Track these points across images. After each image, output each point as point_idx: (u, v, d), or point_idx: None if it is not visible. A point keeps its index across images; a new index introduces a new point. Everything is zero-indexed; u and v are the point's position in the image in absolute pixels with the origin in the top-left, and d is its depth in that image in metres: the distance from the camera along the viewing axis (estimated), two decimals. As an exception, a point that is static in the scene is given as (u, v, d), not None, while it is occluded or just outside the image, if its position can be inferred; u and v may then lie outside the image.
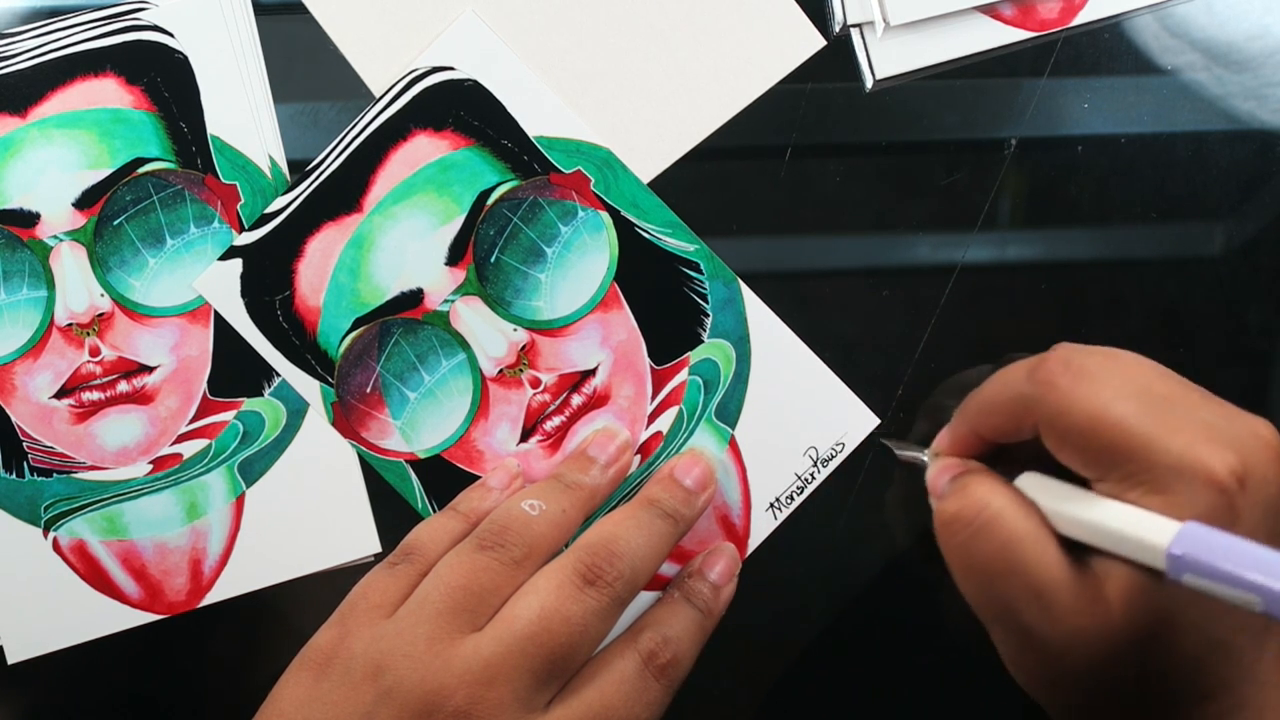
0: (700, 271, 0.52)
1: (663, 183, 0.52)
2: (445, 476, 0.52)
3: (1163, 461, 0.37)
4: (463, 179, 0.51)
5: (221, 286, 0.51)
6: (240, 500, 0.52)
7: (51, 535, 0.51)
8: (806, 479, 0.52)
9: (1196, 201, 0.54)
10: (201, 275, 0.51)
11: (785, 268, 0.53)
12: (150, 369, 0.51)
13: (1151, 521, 0.37)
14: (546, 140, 0.51)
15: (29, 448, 0.51)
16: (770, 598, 0.53)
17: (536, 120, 0.51)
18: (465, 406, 0.51)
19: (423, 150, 0.51)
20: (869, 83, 0.53)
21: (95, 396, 0.51)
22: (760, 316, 0.52)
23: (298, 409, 0.52)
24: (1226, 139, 0.54)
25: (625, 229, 0.52)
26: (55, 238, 0.51)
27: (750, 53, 0.52)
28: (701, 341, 0.52)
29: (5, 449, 0.51)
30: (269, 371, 0.51)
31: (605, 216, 0.51)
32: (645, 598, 0.48)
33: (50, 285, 0.51)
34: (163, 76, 0.51)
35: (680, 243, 0.52)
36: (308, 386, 0.51)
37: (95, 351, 0.51)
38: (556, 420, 0.52)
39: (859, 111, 0.53)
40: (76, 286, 0.51)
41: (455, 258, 0.51)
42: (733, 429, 0.52)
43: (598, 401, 0.52)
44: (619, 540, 0.45)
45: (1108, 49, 0.53)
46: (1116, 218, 0.54)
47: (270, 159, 0.51)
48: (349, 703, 0.42)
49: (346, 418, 0.51)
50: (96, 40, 0.51)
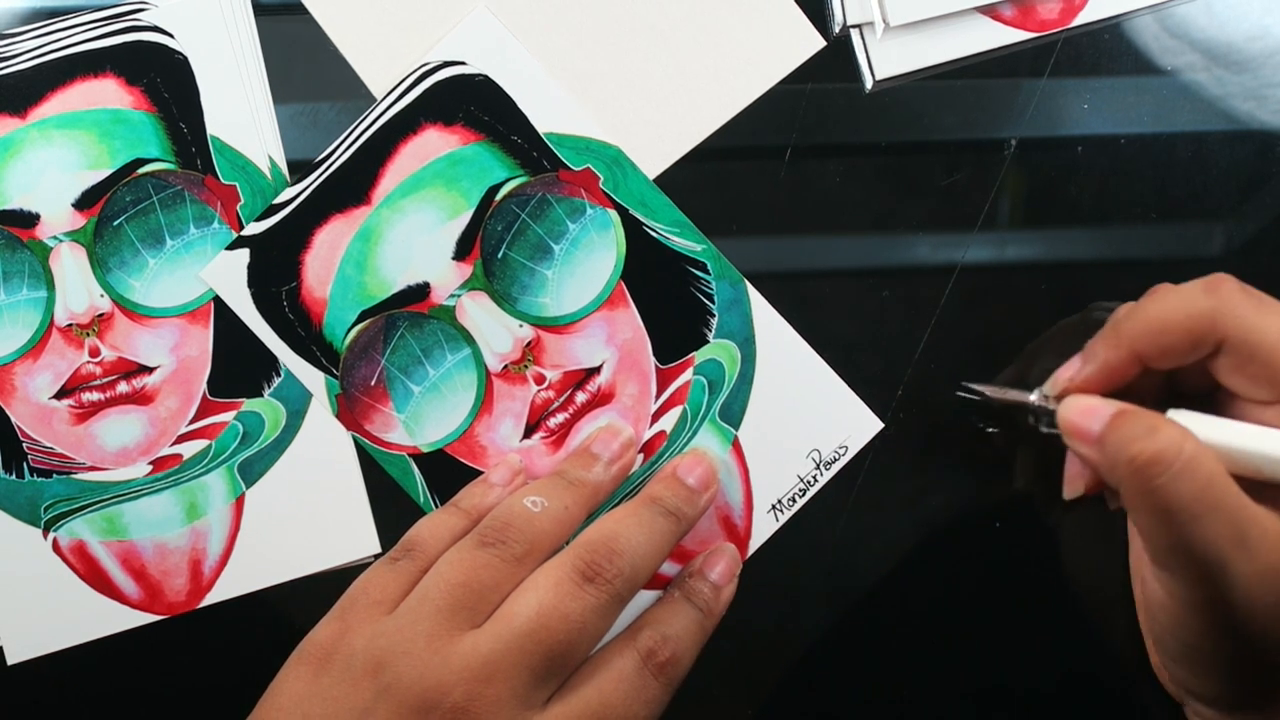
0: (707, 271, 0.52)
1: (663, 183, 0.52)
2: (448, 471, 0.52)
3: None
4: (472, 174, 0.51)
5: (228, 276, 0.51)
6: (240, 501, 0.52)
7: (51, 536, 0.51)
8: (809, 481, 0.52)
9: (1196, 201, 0.54)
10: (209, 265, 0.51)
11: (785, 268, 0.53)
12: (150, 369, 0.51)
13: None
14: (556, 137, 0.51)
15: (29, 448, 0.51)
16: (770, 598, 0.53)
17: (546, 117, 0.51)
18: (469, 402, 0.52)
19: (432, 144, 0.51)
20: (869, 83, 0.53)
21: (95, 397, 0.51)
22: (766, 317, 0.52)
23: (298, 409, 0.52)
24: (1226, 139, 0.54)
25: (633, 227, 0.52)
26: (55, 238, 0.51)
27: (750, 53, 0.52)
28: (707, 341, 0.52)
29: (5, 450, 0.51)
30: (269, 372, 0.51)
31: (613, 214, 0.52)
32: (646, 597, 0.48)
33: (50, 286, 0.51)
34: (163, 77, 0.51)
35: (688, 242, 0.52)
36: (312, 378, 0.51)
37: (95, 352, 0.51)
38: (560, 417, 0.52)
39: (859, 112, 0.53)
40: (76, 287, 0.51)
41: (462, 252, 0.51)
42: (736, 430, 0.52)
43: (602, 399, 0.52)
44: (619, 538, 0.45)
45: (1108, 49, 0.53)
46: (1116, 218, 0.54)
47: (270, 159, 0.51)
48: (348, 699, 0.42)
49: (350, 410, 0.51)
50: (96, 41, 0.51)
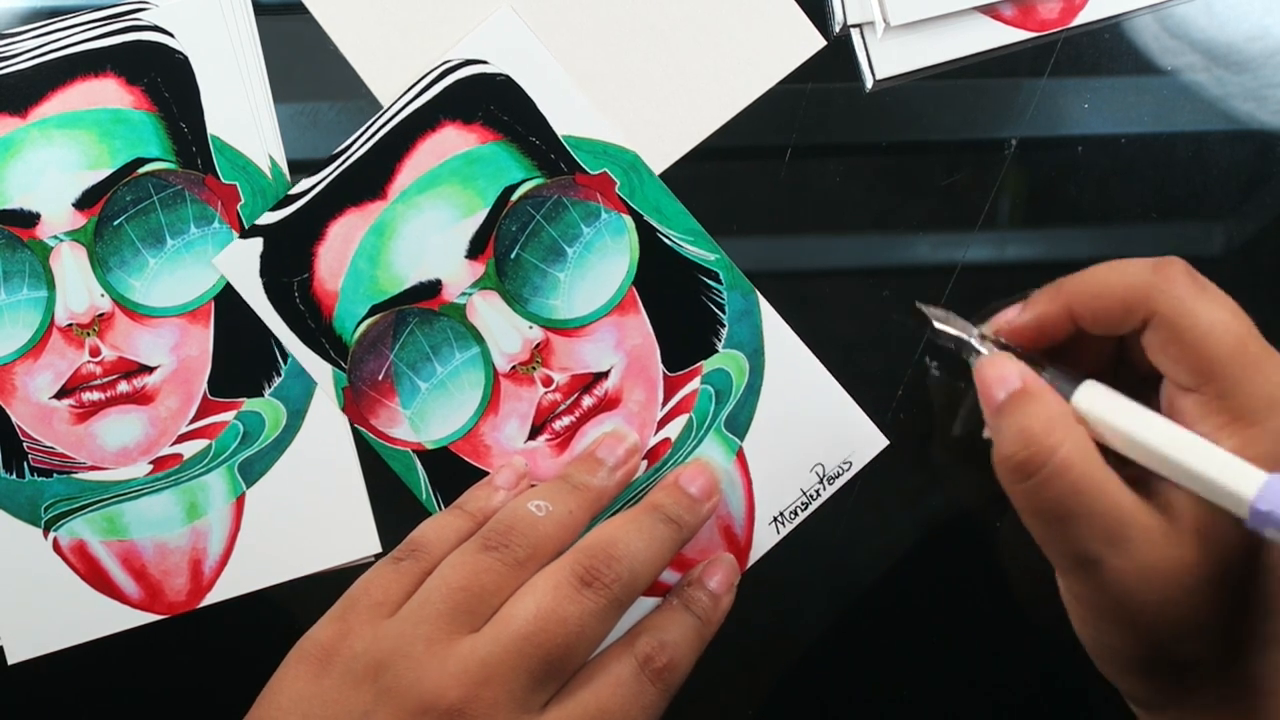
0: (719, 281, 0.52)
1: (663, 182, 0.52)
2: (451, 469, 0.52)
3: (1263, 390, 0.37)
4: (488, 173, 0.51)
5: (241, 264, 0.51)
6: (240, 500, 0.52)
7: (52, 535, 0.51)
8: (811, 495, 0.52)
9: (1196, 201, 0.54)
10: (222, 252, 0.51)
11: (785, 268, 0.53)
12: (150, 369, 0.51)
13: (1236, 467, 0.35)
14: (574, 140, 0.51)
15: (29, 448, 0.51)
16: (770, 597, 0.53)
17: (565, 119, 0.51)
18: (476, 400, 0.52)
19: (450, 142, 0.51)
20: (869, 83, 0.53)
21: (95, 397, 0.51)
22: (776, 329, 0.52)
23: (298, 409, 0.52)
24: (1226, 139, 0.54)
25: (647, 234, 0.52)
26: (55, 238, 0.51)
27: (750, 53, 0.52)
28: (716, 351, 0.52)
29: (5, 449, 0.51)
30: (269, 372, 0.51)
31: (628, 220, 0.52)
32: (646, 604, 0.48)
33: (50, 285, 0.51)
34: (163, 76, 0.51)
35: (701, 251, 0.52)
36: (320, 370, 0.51)
37: (95, 352, 0.51)
38: (566, 420, 0.52)
39: (859, 111, 0.53)
40: (76, 287, 0.51)
41: (476, 251, 0.51)
42: (741, 440, 0.52)
43: (608, 404, 0.52)
44: (618, 543, 0.45)
45: (1108, 49, 0.53)
46: (1116, 218, 0.54)
47: (270, 159, 0.51)
48: (348, 701, 0.42)
49: (357, 404, 0.51)
50: (96, 40, 0.51)
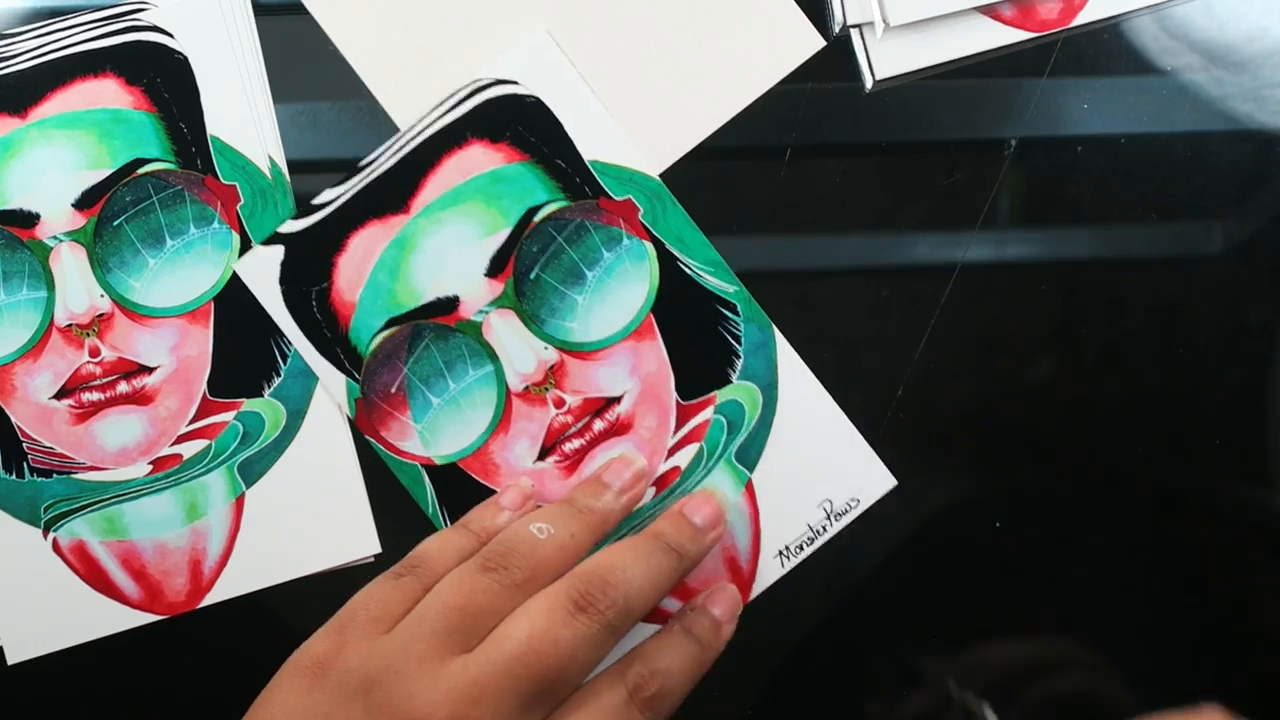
0: (737, 313, 0.52)
1: (663, 182, 0.52)
2: (459, 485, 0.52)
3: None
4: (513, 193, 0.51)
5: (261, 270, 0.51)
6: (240, 501, 0.52)
7: (51, 536, 0.51)
8: (818, 530, 0.52)
9: (1196, 201, 0.54)
10: (243, 258, 0.51)
11: (785, 268, 0.53)
12: (150, 369, 0.51)
13: None
14: (600, 165, 0.51)
15: (29, 448, 0.51)
16: (770, 597, 0.53)
17: (593, 144, 0.51)
18: (487, 418, 0.52)
19: (477, 160, 0.51)
20: (869, 83, 0.53)
21: (95, 397, 0.51)
22: (791, 363, 0.52)
23: (298, 409, 0.52)
24: (1226, 139, 0.54)
25: (668, 262, 0.52)
26: (55, 238, 0.51)
27: (750, 53, 0.52)
28: (730, 382, 0.52)
29: (5, 449, 0.51)
30: (269, 372, 0.51)
31: (649, 247, 0.52)
32: (646, 630, 0.48)
33: (50, 286, 0.51)
34: (163, 77, 0.51)
35: (721, 282, 0.52)
36: (334, 380, 0.51)
37: (95, 352, 0.51)
38: (576, 443, 0.52)
39: (859, 111, 0.53)
40: (76, 287, 0.51)
41: (495, 270, 0.51)
42: (751, 472, 0.52)
43: (620, 429, 0.52)
44: (616, 570, 0.45)
45: (1107, 49, 0.54)
46: (1116, 218, 0.54)
47: (270, 159, 0.51)
48: (337, 716, 0.42)
49: (368, 415, 0.51)
50: (96, 40, 0.51)
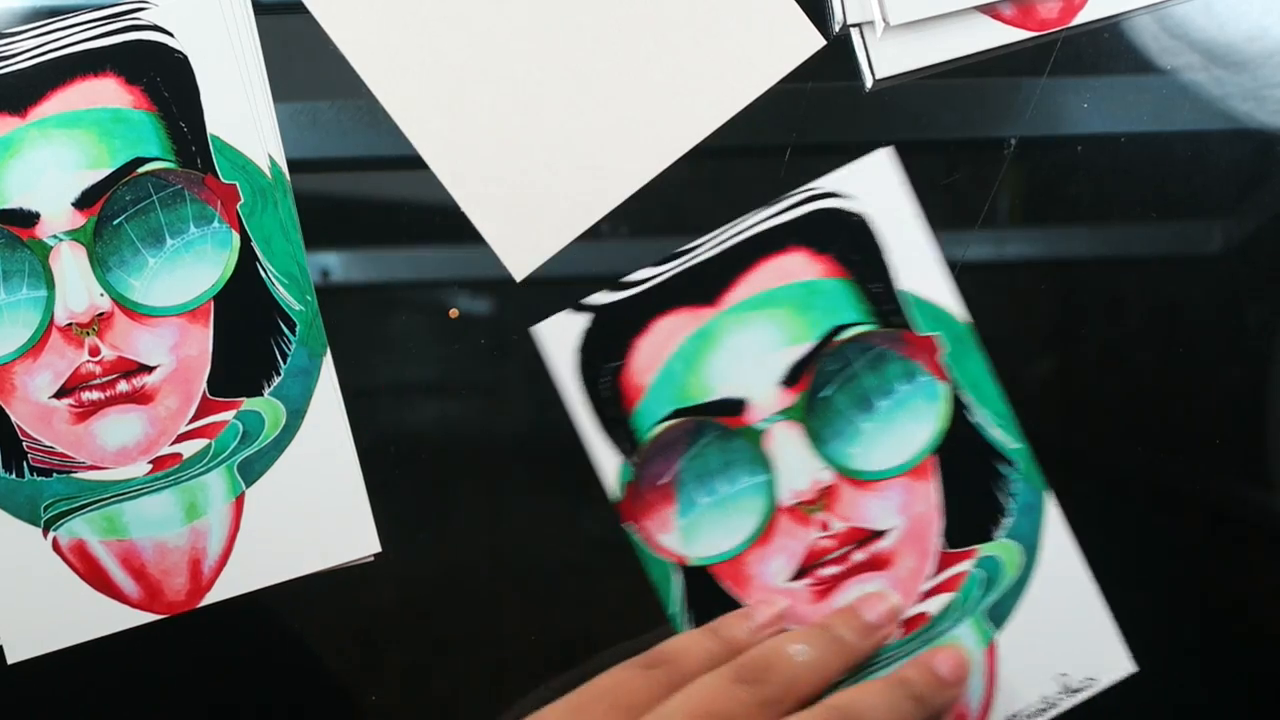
0: (1015, 470, 0.52)
1: (663, 182, 0.52)
2: (708, 590, 0.51)
3: None
4: (824, 307, 0.51)
5: (561, 336, 0.51)
6: (240, 500, 0.52)
7: (51, 535, 0.51)
8: (1050, 704, 0.52)
9: (1196, 201, 0.54)
10: (546, 321, 0.51)
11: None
12: (150, 369, 0.51)
13: None
14: (913, 297, 0.51)
15: (29, 447, 0.51)
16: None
17: (910, 274, 0.51)
18: (750, 528, 0.51)
19: (795, 267, 0.51)
20: (869, 82, 0.53)
21: (95, 396, 0.51)
22: (1057, 531, 0.52)
23: (297, 409, 0.52)
24: (1226, 139, 0.54)
25: (958, 407, 0.52)
26: (55, 237, 0.51)
27: (750, 53, 0.52)
28: (993, 539, 0.52)
29: (5, 449, 0.51)
30: (269, 371, 0.51)
31: (945, 388, 0.52)
32: None
33: (50, 285, 0.51)
34: (162, 76, 0.51)
35: (1005, 437, 0.52)
36: (608, 459, 0.51)
37: (95, 351, 0.51)
38: (833, 569, 0.51)
39: (859, 111, 0.53)
40: (76, 286, 0.51)
41: (791, 381, 0.51)
42: (996, 632, 0.52)
43: (878, 564, 0.51)
44: (866, 712, 0.45)
45: (1107, 49, 0.54)
46: (1116, 217, 0.54)
47: (270, 158, 0.51)
48: None
49: (633, 501, 0.51)
50: (96, 40, 0.51)
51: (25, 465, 0.51)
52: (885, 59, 0.52)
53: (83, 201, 0.51)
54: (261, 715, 0.53)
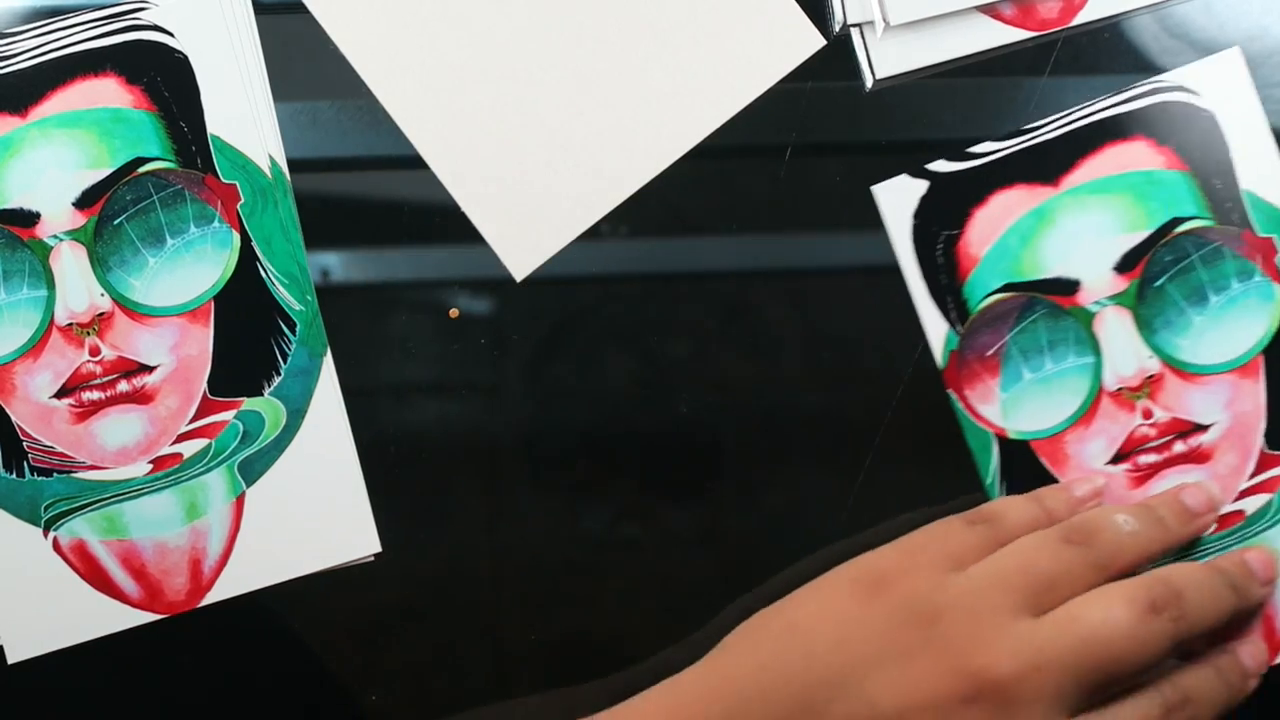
0: None
1: (663, 182, 0.52)
2: (1025, 464, 0.52)
3: None
4: (1163, 198, 0.51)
5: (898, 200, 0.52)
6: (240, 500, 0.52)
7: (51, 535, 0.51)
8: None
9: (1197, 201, 0.54)
10: (885, 183, 0.52)
11: (785, 267, 0.53)
12: (150, 369, 0.51)
13: None
14: (1255, 198, 0.52)
15: (29, 447, 0.51)
16: (770, 597, 0.53)
17: (1252, 175, 0.52)
18: (1073, 407, 0.52)
19: (1137, 156, 0.52)
20: (869, 82, 0.53)
21: (95, 396, 0.51)
22: None
23: (298, 409, 0.52)
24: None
25: None
26: (55, 237, 0.51)
27: (750, 53, 0.52)
28: None
29: (5, 449, 0.51)
30: (269, 371, 0.51)
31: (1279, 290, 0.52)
32: None
33: (50, 285, 0.51)
34: (163, 76, 0.51)
35: None
36: (935, 326, 0.52)
37: (95, 351, 0.51)
38: (1153, 458, 0.52)
39: (859, 111, 0.53)
40: (76, 286, 0.51)
41: (1125, 267, 0.51)
42: None
43: (1198, 457, 0.52)
44: (1190, 586, 0.46)
45: (1107, 49, 0.54)
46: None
47: (270, 158, 0.51)
48: (892, 635, 0.43)
49: (959, 371, 0.52)
50: (96, 40, 0.51)
51: (26, 465, 0.51)
52: (885, 59, 0.52)
53: (83, 201, 0.51)
54: (262, 715, 0.53)
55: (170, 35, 0.51)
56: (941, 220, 0.52)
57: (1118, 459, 0.52)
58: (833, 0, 0.53)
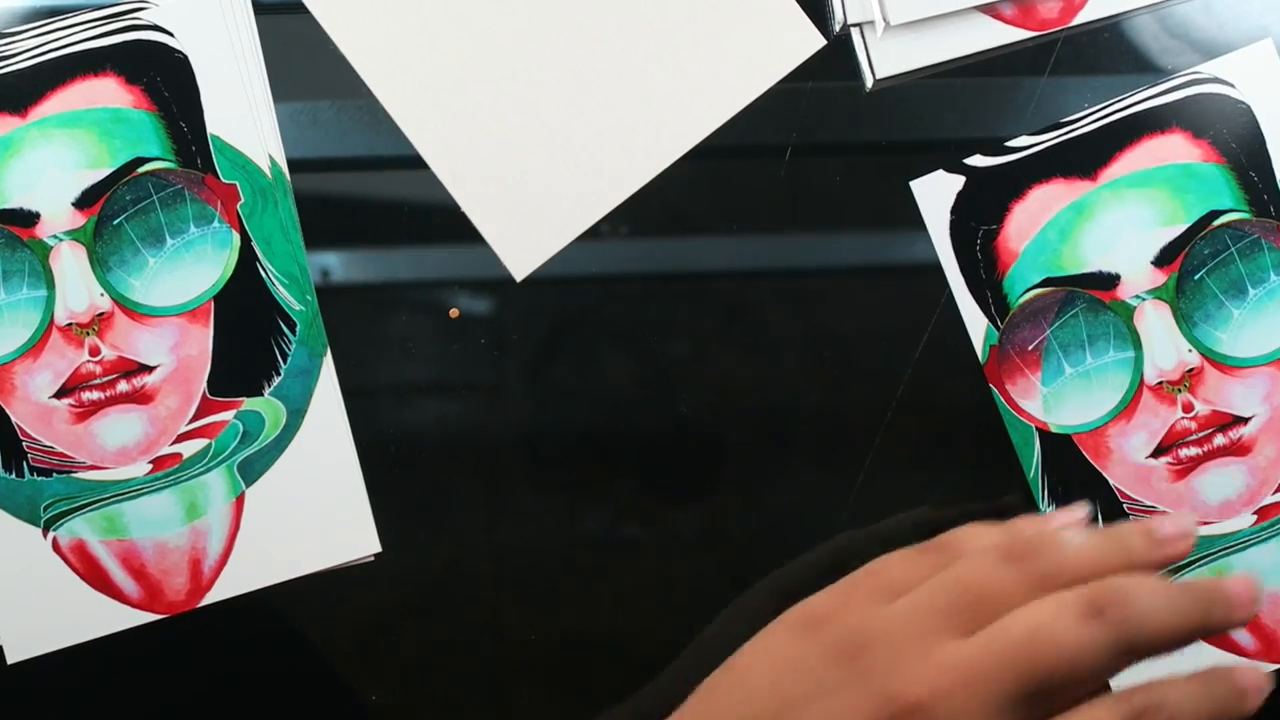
0: None
1: (663, 182, 0.52)
2: (1067, 457, 0.52)
3: None
4: (1201, 191, 0.52)
5: (936, 194, 0.52)
6: (240, 500, 0.52)
7: (51, 535, 0.51)
8: None
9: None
10: (924, 178, 0.52)
11: (785, 266, 0.53)
12: (150, 368, 0.51)
13: None
14: None
15: (29, 447, 0.51)
16: (770, 597, 0.53)
17: None
18: (1114, 401, 0.52)
19: (1174, 149, 0.52)
20: (869, 82, 0.53)
21: (95, 396, 0.51)
22: None
23: (298, 409, 0.52)
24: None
25: None
26: (55, 237, 0.51)
27: (750, 53, 0.52)
28: None
29: (5, 448, 0.51)
30: (269, 371, 0.51)
31: None
32: None
33: (50, 285, 0.51)
34: (163, 76, 0.51)
35: None
36: (975, 321, 0.52)
37: (95, 351, 0.51)
38: (1193, 450, 0.52)
39: (859, 111, 0.53)
40: (76, 286, 0.51)
41: (1164, 261, 0.52)
42: None
43: (1238, 450, 0.52)
44: (1136, 592, 0.43)
45: (1108, 49, 0.54)
46: (1117, 217, 0.54)
47: (270, 158, 0.51)
48: (821, 671, 0.42)
49: (999, 365, 0.52)
50: (96, 40, 0.51)
51: (25, 465, 0.51)
52: (885, 59, 0.52)
53: (83, 201, 0.51)
54: (261, 715, 0.53)
55: (170, 35, 0.51)
56: (980, 215, 0.52)
57: (1158, 452, 0.52)
58: (833, 0, 0.53)
